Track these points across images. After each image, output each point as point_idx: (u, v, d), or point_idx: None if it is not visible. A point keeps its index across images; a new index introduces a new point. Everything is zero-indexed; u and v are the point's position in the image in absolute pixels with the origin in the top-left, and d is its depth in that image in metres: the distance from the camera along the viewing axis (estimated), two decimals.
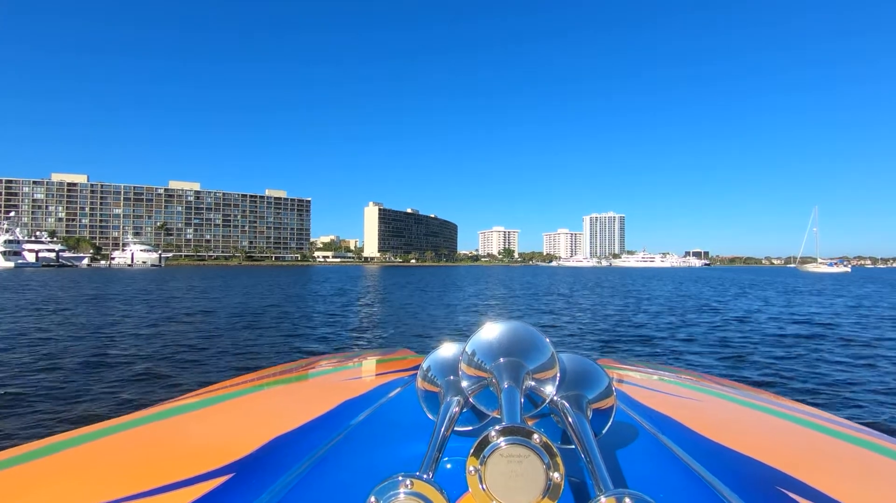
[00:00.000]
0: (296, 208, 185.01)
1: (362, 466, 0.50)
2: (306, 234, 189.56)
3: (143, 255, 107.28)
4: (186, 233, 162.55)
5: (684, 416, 0.68)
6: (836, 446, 0.66)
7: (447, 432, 0.45)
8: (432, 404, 0.55)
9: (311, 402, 0.76)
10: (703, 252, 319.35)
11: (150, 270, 70.62)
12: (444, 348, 0.58)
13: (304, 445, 0.55)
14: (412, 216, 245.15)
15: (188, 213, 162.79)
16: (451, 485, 0.41)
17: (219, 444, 0.58)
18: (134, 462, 0.54)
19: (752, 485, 0.47)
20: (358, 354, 1.36)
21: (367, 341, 9.60)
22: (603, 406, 0.51)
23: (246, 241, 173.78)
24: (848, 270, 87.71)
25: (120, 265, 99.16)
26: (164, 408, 0.79)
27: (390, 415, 0.65)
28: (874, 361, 7.25)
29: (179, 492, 0.45)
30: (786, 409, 0.86)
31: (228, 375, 4.28)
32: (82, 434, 0.65)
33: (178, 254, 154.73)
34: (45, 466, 0.55)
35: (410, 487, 0.34)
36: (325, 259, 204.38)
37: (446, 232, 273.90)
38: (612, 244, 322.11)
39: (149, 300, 17.81)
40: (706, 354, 7.90)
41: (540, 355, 0.50)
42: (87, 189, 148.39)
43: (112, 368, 6.44)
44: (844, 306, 16.65)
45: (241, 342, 8.88)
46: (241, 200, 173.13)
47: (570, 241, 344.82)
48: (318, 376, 1.05)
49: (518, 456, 0.36)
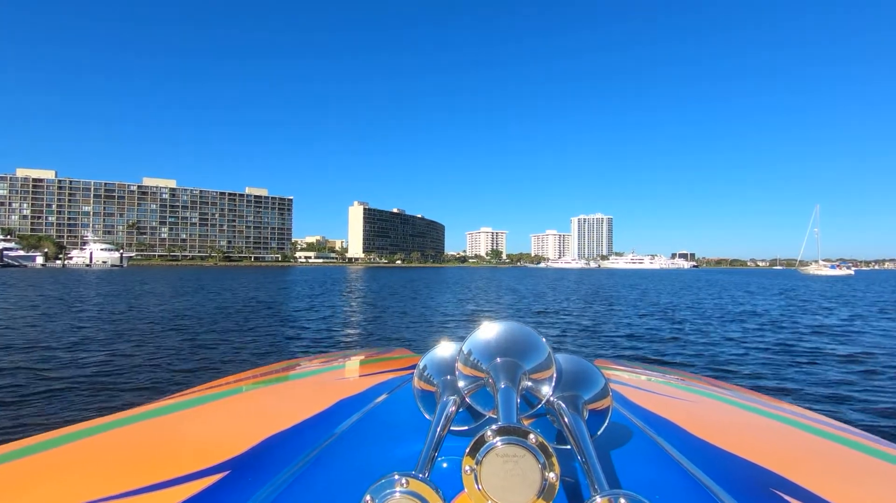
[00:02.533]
0: (277, 207, 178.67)
1: (358, 465, 0.49)
2: (288, 233, 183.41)
3: (102, 255, 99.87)
4: (161, 232, 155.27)
5: (680, 418, 0.68)
6: (829, 448, 0.66)
7: (443, 431, 0.45)
8: (428, 403, 0.54)
9: (307, 401, 0.76)
10: (690, 254, 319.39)
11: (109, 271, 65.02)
12: (441, 348, 0.58)
13: (300, 444, 0.55)
14: (398, 216, 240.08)
15: (163, 212, 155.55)
16: (447, 484, 0.41)
17: (214, 442, 0.57)
18: (128, 459, 0.54)
19: (746, 487, 0.47)
20: (354, 353, 1.36)
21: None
22: (599, 407, 0.51)
23: (224, 241, 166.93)
24: (851, 273, 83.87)
25: (78, 265, 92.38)
26: (159, 405, 0.78)
27: (386, 414, 0.64)
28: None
29: (174, 490, 0.45)
30: (780, 411, 0.86)
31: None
32: (76, 431, 0.64)
33: (150, 254, 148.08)
34: (38, 463, 0.54)
35: (406, 486, 0.34)
36: (308, 260, 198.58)
37: (433, 232, 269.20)
38: (601, 245, 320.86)
39: (81, 306, 13.73)
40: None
41: (536, 355, 0.50)
42: (55, 185, 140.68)
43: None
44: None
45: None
46: (219, 198, 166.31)
47: (558, 242, 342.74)
48: (314, 375, 1.05)
49: (514, 456, 0.36)
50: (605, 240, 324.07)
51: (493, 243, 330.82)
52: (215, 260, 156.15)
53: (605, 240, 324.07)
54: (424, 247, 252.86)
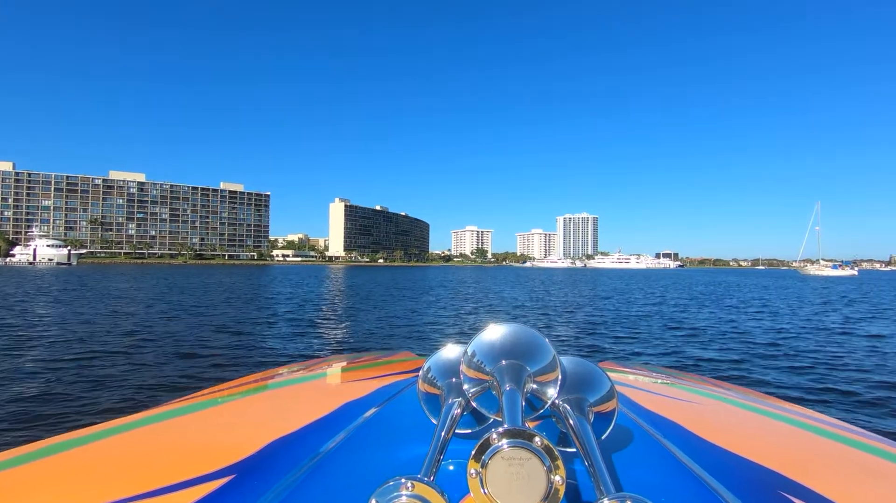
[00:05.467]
0: (253, 203, 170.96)
1: (363, 468, 0.49)
2: (265, 231, 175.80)
3: (48, 252, 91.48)
4: (128, 228, 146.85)
5: (686, 420, 0.68)
6: (837, 449, 0.65)
7: (448, 435, 0.45)
8: (433, 406, 0.54)
9: (312, 404, 0.75)
10: (674, 253, 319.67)
11: (55, 270, 58.41)
12: (446, 350, 0.57)
13: (305, 447, 0.54)
14: (381, 213, 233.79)
15: (130, 207, 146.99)
16: (452, 487, 0.40)
17: (219, 446, 0.57)
18: (133, 463, 0.54)
19: (754, 489, 0.47)
20: (359, 356, 1.35)
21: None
22: (604, 409, 0.50)
23: (196, 238, 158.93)
24: (855, 273, 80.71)
25: (20, 263, 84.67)
26: (165, 409, 0.78)
27: (391, 417, 0.64)
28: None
29: (180, 494, 0.45)
30: (787, 413, 0.85)
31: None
32: (83, 435, 0.64)
33: (115, 252, 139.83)
34: (45, 467, 0.54)
35: (411, 489, 0.34)
36: (285, 258, 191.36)
37: (417, 231, 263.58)
38: (586, 245, 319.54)
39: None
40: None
41: (542, 358, 0.50)
42: (12, 177, 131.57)
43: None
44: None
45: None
46: (191, 193, 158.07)
47: (543, 241, 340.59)
48: (318, 378, 1.04)
49: (519, 459, 0.36)
50: (590, 239, 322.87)
51: (478, 242, 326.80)
52: (185, 258, 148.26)
53: (590, 239, 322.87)
54: (408, 245, 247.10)
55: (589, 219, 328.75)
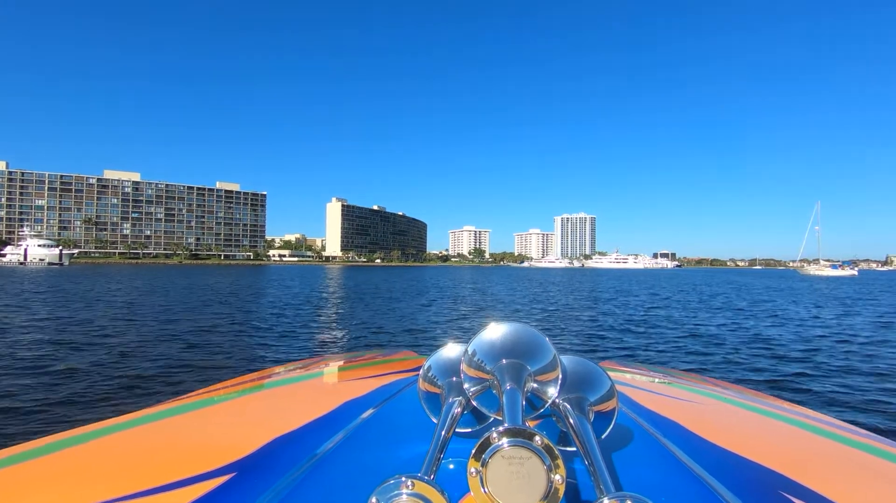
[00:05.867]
0: (249, 203, 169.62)
1: (363, 467, 0.49)
2: (261, 230, 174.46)
3: (39, 252, 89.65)
4: (123, 228, 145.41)
5: (686, 419, 0.68)
6: (837, 450, 0.65)
7: (448, 433, 0.45)
8: (434, 405, 0.54)
9: (313, 403, 0.75)
10: (671, 253, 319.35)
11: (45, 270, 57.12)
12: (446, 349, 0.57)
13: (306, 446, 0.54)
14: (378, 213, 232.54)
15: (125, 206, 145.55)
16: (453, 486, 0.41)
17: (220, 444, 0.57)
18: (134, 461, 0.54)
19: (755, 489, 0.47)
20: (360, 355, 1.35)
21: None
22: (605, 408, 0.50)
23: (192, 238, 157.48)
24: (855, 273, 79.62)
25: (10, 264, 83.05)
26: (165, 407, 0.78)
27: (391, 415, 0.64)
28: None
29: (180, 492, 0.45)
30: (788, 413, 0.85)
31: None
32: (82, 433, 0.64)
33: (110, 252, 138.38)
34: (44, 465, 0.54)
35: (412, 488, 0.34)
36: (282, 258, 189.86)
37: (414, 230, 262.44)
38: (584, 245, 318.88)
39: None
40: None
41: (542, 357, 0.50)
42: (5, 177, 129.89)
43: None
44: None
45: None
46: (186, 193, 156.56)
47: (541, 241, 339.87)
48: (319, 376, 1.04)
49: (519, 457, 0.36)
50: (588, 239, 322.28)
51: (476, 242, 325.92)
52: (181, 258, 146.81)
53: (588, 239, 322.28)
54: (406, 245, 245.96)
55: (587, 219, 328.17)
